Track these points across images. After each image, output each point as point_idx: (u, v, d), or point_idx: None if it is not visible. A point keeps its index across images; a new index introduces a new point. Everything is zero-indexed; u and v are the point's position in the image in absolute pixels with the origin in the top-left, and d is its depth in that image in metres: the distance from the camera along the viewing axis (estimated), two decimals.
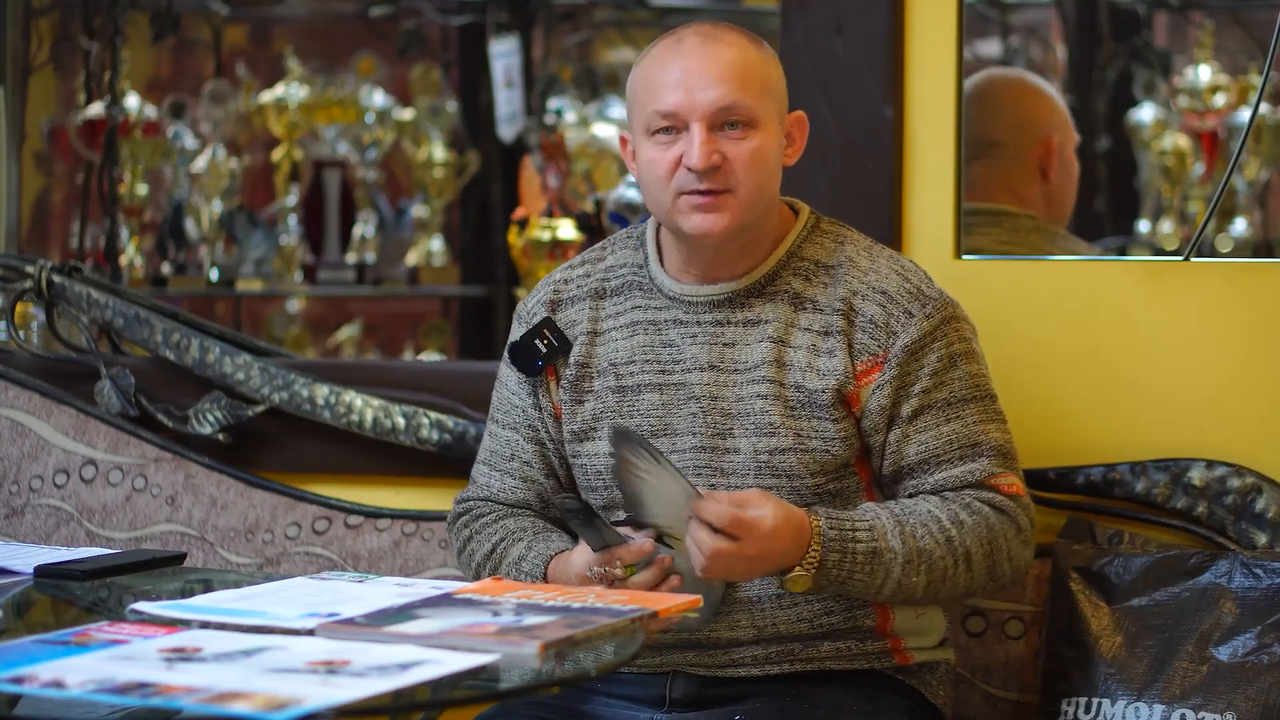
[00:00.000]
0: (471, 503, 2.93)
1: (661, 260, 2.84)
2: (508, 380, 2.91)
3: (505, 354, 2.90)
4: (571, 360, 2.84)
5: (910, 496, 2.76)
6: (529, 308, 2.90)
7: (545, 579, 2.75)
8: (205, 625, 2.37)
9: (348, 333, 6.21)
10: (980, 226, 3.45)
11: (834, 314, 2.76)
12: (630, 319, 2.83)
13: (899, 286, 2.77)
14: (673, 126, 2.71)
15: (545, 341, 2.85)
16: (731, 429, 2.75)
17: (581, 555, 2.68)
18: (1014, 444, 2.80)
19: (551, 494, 2.88)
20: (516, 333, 2.89)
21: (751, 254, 2.79)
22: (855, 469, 2.78)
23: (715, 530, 2.58)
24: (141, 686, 2.08)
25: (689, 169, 2.70)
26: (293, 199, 5.58)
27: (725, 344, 2.77)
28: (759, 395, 2.74)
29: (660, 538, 2.66)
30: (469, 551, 2.88)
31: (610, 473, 2.73)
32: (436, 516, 3.37)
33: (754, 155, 2.72)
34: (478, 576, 2.85)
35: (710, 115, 2.70)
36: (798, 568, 2.63)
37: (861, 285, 2.77)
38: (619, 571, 2.62)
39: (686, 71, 2.71)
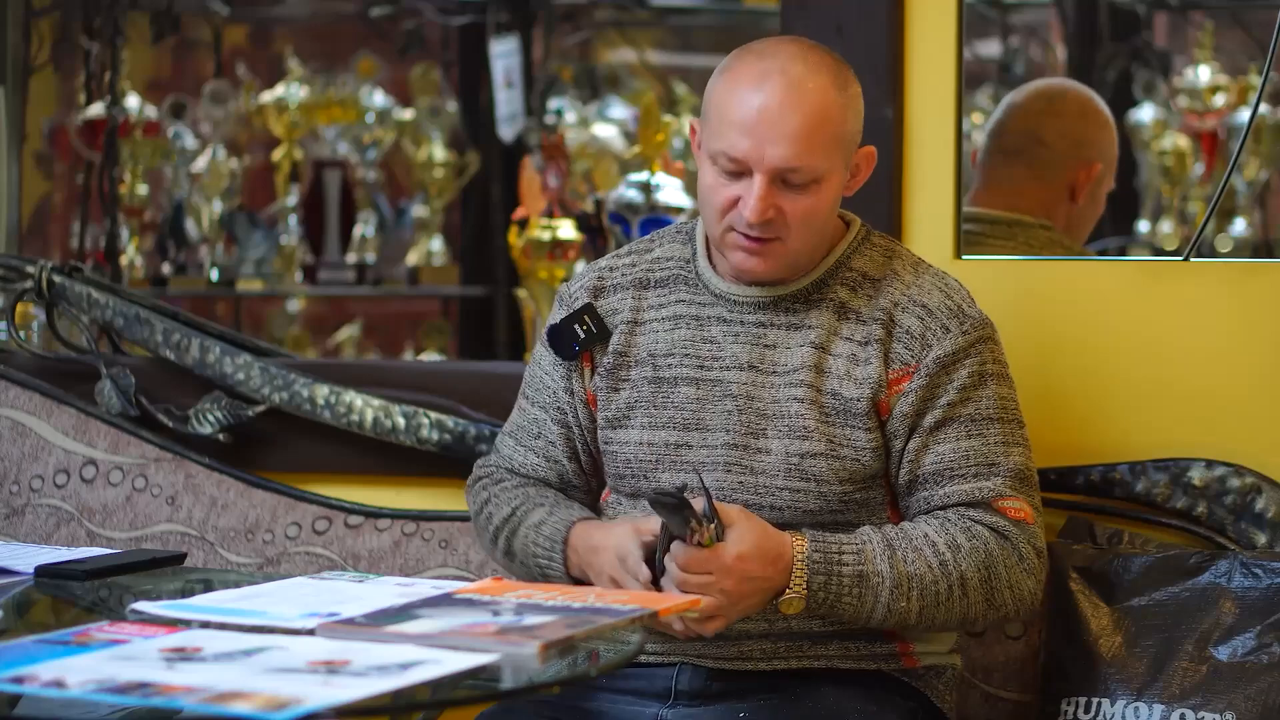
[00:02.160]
0: (493, 468, 2.94)
1: (710, 258, 2.85)
2: (542, 360, 2.92)
3: (544, 333, 2.91)
4: (610, 348, 2.85)
5: (919, 511, 2.76)
6: (571, 291, 2.90)
7: (566, 544, 2.75)
8: (205, 625, 2.37)
9: (348, 333, 6.21)
10: (994, 237, 3.45)
11: (874, 324, 2.76)
12: (673, 312, 2.84)
13: (940, 302, 2.78)
14: (737, 170, 2.71)
15: (584, 327, 2.86)
16: (765, 429, 2.76)
17: (626, 535, 2.67)
18: (1035, 472, 2.79)
19: (573, 477, 2.89)
20: (556, 315, 2.89)
21: (799, 266, 2.80)
22: (883, 481, 2.79)
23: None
24: (142, 686, 2.09)
25: (743, 215, 2.70)
26: (293, 199, 5.58)
27: (766, 345, 2.78)
28: (795, 398, 2.75)
29: None
30: (486, 514, 2.89)
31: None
32: (436, 516, 3.37)
33: (810, 211, 2.71)
34: (494, 540, 2.86)
35: (774, 171, 2.69)
36: (788, 590, 2.64)
37: (903, 298, 2.78)
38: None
39: (762, 118, 2.68)
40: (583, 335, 2.85)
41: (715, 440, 2.77)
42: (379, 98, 5.78)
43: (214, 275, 5.39)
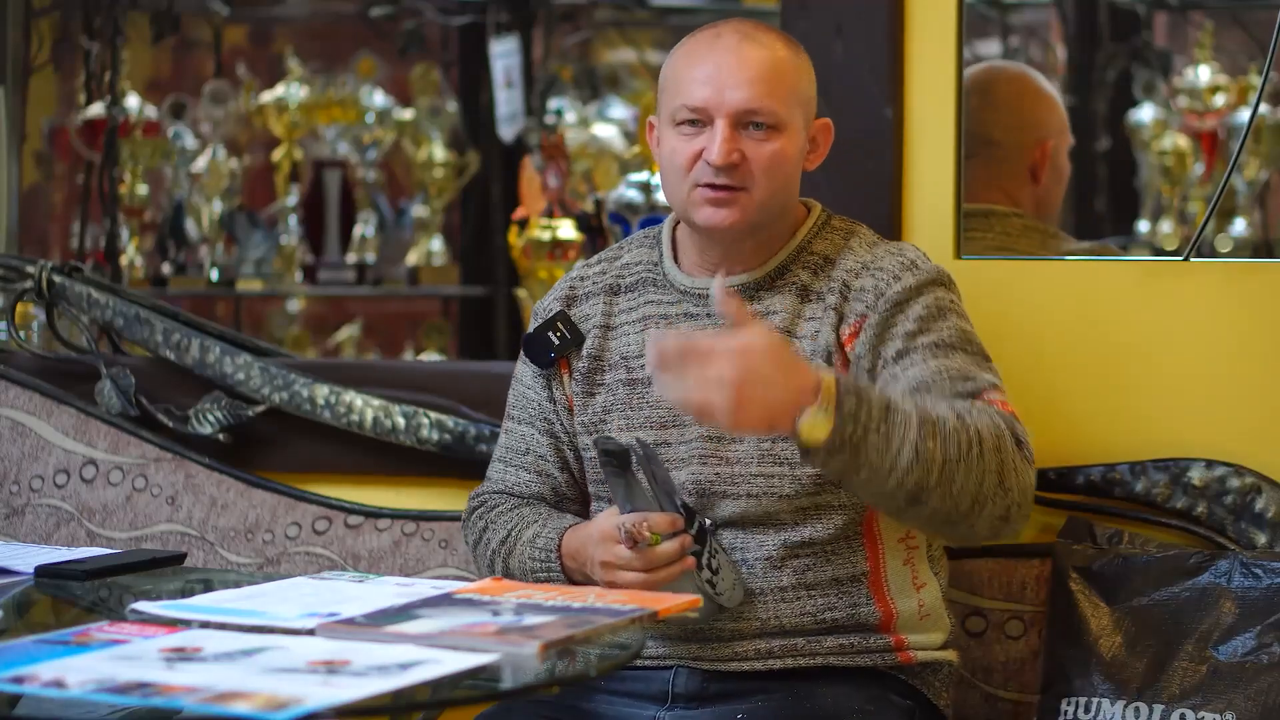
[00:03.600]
0: (485, 495, 2.96)
1: (676, 258, 2.87)
2: (522, 376, 2.94)
3: (521, 349, 2.93)
4: (584, 353, 2.88)
5: None
6: (545, 304, 2.94)
7: (560, 550, 2.76)
8: (205, 625, 2.37)
9: (348, 333, 6.21)
10: (972, 229, 3.45)
11: (831, 294, 2.78)
12: (643, 313, 2.87)
13: (893, 262, 2.79)
14: (699, 120, 2.75)
15: (558, 334, 2.89)
16: None
17: (607, 516, 2.70)
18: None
19: (566, 488, 2.91)
20: (532, 328, 2.92)
21: (763, 249, 2.83)
22: None
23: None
24: (142, 686, 2.09)
25: (708, 163, 2.73)
26: (293, 199, 5.58)
27: None
28: None
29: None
30: (484, 542, 2.90)
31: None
32: (436, 516, 3.37)
33: (773, 158, 2.75)
34: (491, 565, 2.87)
35: (736, 114, 2.74)
36: (812, 408, 2.45)
37: (857, 265, 2.80)
38: (647, 534, 2.63)
39: (718, 69, 2.75)
40: (556, 342, 2.89)
41: (690, 435, 2.79)
42: (379, 98, 5.78)
43: (214, 275, 5.40)
